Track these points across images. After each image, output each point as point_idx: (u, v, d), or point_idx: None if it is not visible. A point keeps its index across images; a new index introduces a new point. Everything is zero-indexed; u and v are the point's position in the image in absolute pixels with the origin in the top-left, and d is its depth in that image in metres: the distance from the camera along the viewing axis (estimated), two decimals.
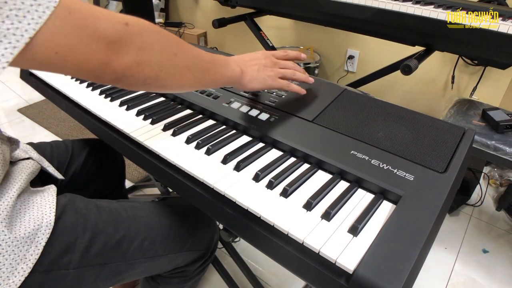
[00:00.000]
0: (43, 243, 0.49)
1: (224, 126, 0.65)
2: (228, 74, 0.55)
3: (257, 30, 1.84)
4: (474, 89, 1.70)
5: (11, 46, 0.32)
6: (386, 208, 0.46)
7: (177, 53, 0.45)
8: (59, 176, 0.67)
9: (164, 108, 0.71)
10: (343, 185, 0.51)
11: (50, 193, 0.54)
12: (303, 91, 0.67)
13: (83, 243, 0.53)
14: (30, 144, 0.71)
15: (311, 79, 0.68)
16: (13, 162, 0.56)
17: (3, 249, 0.45)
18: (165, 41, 0.44)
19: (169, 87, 0.47)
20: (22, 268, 0.47)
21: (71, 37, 0.35)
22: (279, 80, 0.62)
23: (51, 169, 0.65)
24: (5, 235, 0.45)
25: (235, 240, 1.14)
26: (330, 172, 0.53)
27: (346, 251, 0.40)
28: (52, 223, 0.50)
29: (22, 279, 0.46)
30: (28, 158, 0.59)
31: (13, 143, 0.58)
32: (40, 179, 0.63)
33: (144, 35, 0.41)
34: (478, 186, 1.52)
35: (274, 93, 0.70)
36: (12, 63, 0.33)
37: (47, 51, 0.34)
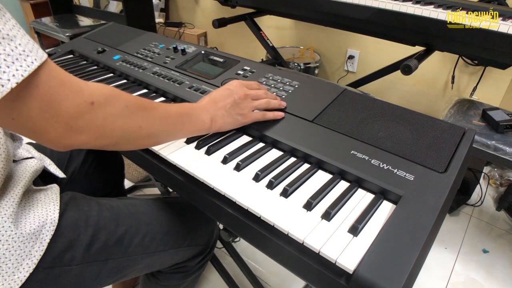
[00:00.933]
0: (48, 240, 0.49)
1: None
2: (195, 128, 0.55)
3: (257, 30, 1.84)
4: (474, 89, 1.70)
5: None
6: (386, 208, 0.46)
7: (142, 125, 0.45)
8: (60, 174, 0.67)
9: None
10: (343, 185, 0.51)
11: (53, 191, 0.55)
12: (280, 115, 0.63)
13: (86, 240, 0.53)
14: (30, 144, 0.71)
15: (283, 103, 0.65)
16: (16, 161, 0.56)
17: (9, 244, 0.46)
18: (131, 115, 0.44)
19: (129, 149, 0.48)
20: (27, 264, 0.47)
21: (32, 109, 0.35)
22: (252, 114, 0.60)
23: (52, 168, 0.66)
24: (12, 230, 0.46)
25: (235, 240, 1.14)
26: (330, 172, 0.53)
27: (346, 251, 0.40)
28: (56, 220, 0.51)
29: (27, 275, 0.47)
30: (31, 158, 0.59)
31: (16, 140, 0.59)
32: (41, 178, 0.63)
33: (109, 113, 0.41)
34: (478, 186, 1.52)
35: (275, 93, 0.70)
36: None
37: (4, 115, 0.34)
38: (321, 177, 0.52)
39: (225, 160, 0.55)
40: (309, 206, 0.46)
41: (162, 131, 0.50)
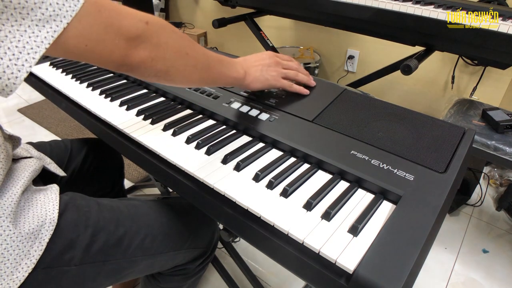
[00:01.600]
0: (47, 240, 0.49)
1: (224, 126, 0.65)
2: (232, 75, 0.59)
3: (257, 30, 1.84)
4: (474, 89, 1.70)
5: (52, 30, 0.36)
6: (386, 208, 0.46)
7: (189, 52, 0.50)
8: (61, 173, 0.67)
9: (164, 108, 0.71)
10: (343, 185, 0.51)
11: (53, 191, 0.55)
12: (305, 91, 0.68)
13: (85, 240, 0.53)
14: (30, 143, 0.71)
15: (313, 82, 0.70)
16: (15, 160, 0.56)
17: (8, 244, 0.45)
18: (179, 41, 0.48)
19: (177, 82, 0.51)
20: (26, 263, 0.47)
21: (100, 33, 0.39)
22: (282, 80, 0.65)
23: (52, 167, 0.66)
24: (10, 230, 0.46)
25: (235, 240, 1.14)
26: (330, 172, 0.53)
27: (346, 251, 0.40)
28: (56, 220, 0.51)
29: (26, 274, 0.47)
30: (30, 157, 0.59)
31: (14, 141, 0.59)
32: (41, 178, 0.63)
33: (161, 33, 0.45)
34: (478, 186, 1.52)
35: (275, 93, 0.70)
36: (48, 50, 0.37)
37: (78, 43, 0.38)
38: (321, 177, 0.52)
39: (225, 160, 0.55)
40: (309, 206, 0.46)
41: (204, 66, 0.53)
